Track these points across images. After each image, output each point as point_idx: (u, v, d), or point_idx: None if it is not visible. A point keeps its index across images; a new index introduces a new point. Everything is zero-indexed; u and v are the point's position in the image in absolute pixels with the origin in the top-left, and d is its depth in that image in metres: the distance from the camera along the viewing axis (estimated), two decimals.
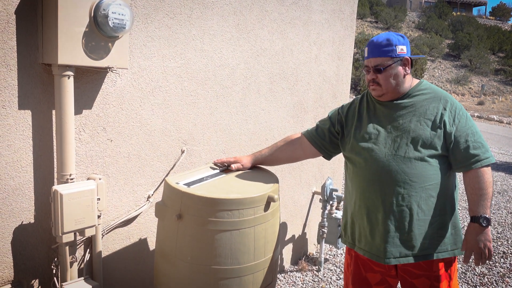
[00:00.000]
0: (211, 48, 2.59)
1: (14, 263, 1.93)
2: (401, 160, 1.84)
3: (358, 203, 1.97)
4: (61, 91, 1.87)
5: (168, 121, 2.43)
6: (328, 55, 3.66)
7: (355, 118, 2.04)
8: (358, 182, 1.97)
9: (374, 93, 1.93)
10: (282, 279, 3.48)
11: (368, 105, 2.03)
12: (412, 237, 1.86)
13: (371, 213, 1.92)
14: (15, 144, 1.85)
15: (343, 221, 2.16)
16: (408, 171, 1.83)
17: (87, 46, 1.86)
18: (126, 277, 2.41)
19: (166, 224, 1.98)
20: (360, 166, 1.95)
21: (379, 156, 1.88)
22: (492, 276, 3.79)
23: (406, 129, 1.87)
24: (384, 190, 1.86)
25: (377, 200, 1.89)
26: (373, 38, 1.92)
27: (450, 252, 1.90)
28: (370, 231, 1.94)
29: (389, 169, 1.85)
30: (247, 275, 1.94)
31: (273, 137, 3.23)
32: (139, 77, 2.24)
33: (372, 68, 1.88)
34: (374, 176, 1.89)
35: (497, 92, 28.50)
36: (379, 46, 1.87)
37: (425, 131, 1.84)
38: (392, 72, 1.87)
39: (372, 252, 1.95)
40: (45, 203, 1.99)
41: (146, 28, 2.23)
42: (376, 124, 1.95)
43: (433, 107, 1.88)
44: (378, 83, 1.88)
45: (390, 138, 1.89)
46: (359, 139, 1.97)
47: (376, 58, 1.87)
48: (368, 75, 1.91)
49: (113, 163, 2.22)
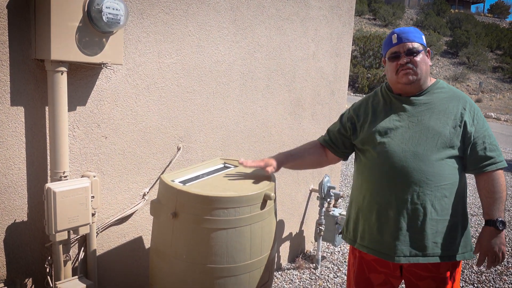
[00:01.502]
0: (208, 44, 2.56)
1: (7, 261, 1.90)
2: (419, 157, 1.80)
3: (368, 198, 1.91)
4: (54, 87, 1.84)
5: (164, 118, 2.40)
6: (326, 51, 3.63)
7: (370, 112, 1.98)
8: (370, 176, 1.91)
9: (406, 78, 1.85)
10: (279, 277, 3.46)
11: (384, 100, 1.98)
12: (423, 236, 1.82)
13: (381, 209, 1.87)
14: (7, 141, 1.82)
15: (346, 218, 2.12)
16: (425, 169, 1.79)
17: (80, 41, 1.83)
18: (121, 276, 2.39)
19: (161, 222, 1.96)
20: (373, 160, 1.90)
21: (396, 152, 1.83)
22: (489, 274, 3.78)
23: (425, 125, 1.83)
24: (398, 186, 1.82)
25: (390, 196, 1.84)
26: (397, 28, 1.90)
27: (460, 256, 1.86)
28: (379, 228, 1.88)
29: (406, 165, 1.81)
30: (243, 274, 1.92)
31: (270, 134, 3.20)
32: (134, 73, 2.21)
33: (405, 51, 1.84)
34: (388, 171, 1.84)
35: (495, 90, 28.53)
36: (410, 32, 1.87)
37: (444, 129, 1.81)
38: (424, 58, 1.86)
39: (379, 250, 1.89)
40: (38, 201, 1.96)
41: (141, 24, 2.20)
42: (394, 119, 1.90)
43: (453, 106, 1.85)
44: (412, 67, 1.84)
45: (408, 134, 1.85)
46: (374, 133, 1.91)
47: (410, 42, 1.84)
48: (398, 60, 1.85)
49: (108, 160, 2.19)
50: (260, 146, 3.13)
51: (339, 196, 3.64)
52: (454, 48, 33.19)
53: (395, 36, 1.87)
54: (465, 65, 31.03)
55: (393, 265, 1.96)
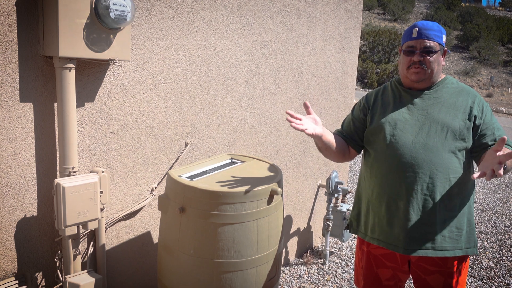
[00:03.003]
0: (215, 40, 2.57)
1: (18, 255, 1.93)
2: (429, 149, 1.80)
3: (377, 190, 1.92)
4: (63, 83, 1.85)
5: (171, 114, 2.41)
6: (333, 46, 3.61)
7: (379, 104, 1.99)
8: (379, 168, 1.91)
9: (415, 76, 1.86)
10: (287, 272, 3.47)
11: (394, 93, 1.98)
12: (433, 229, 1.83)
13: (391, 201, 1.87)
14: (17, 137, 1.84)
15: (354, 211, 2.11)
16: (435, 160, 1.79)
17: (88, 38, 1.84)
18: (129, 270, 2.41)
19: (169, 217, 1.97)
20: (383, 152, 1.90)
21: (406, 144, 1.84)
22: (499, 269, 3.76)
23: (434, 118, 1.84)
24: (408, 177, 1.82)
25: (400, 188, 1.84)
26: (421, 21, 1.88)
27: (464, 251, 1.86)
28: (389, 220, 1.89)
29: (416, 156, 1.81)
30: (250, 269, 1.93)
31: (278, 129, 3.20)
32: (142, 69, 2.23)
33: (421, 49, 1.83)
34: (399, 163, 1.84)
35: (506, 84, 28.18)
36: (431, 30, 1.84)
37: (454, 122, 1.82)
38: (438, 58, 1.86)
39: (389, 242, 1.90)
40: (48, 196, 1.99)
41: (149, 20, 2.21)
42: (403, 111, 1.91)
43: (462, 100, 1.86)
44: (423, 66, 1.84)
45: (417, 126, 1.85)
46: (384, 125, 1.91)
47: (429, 40, 1.83)
48: (412, 56, 1.84)
49: (116, 156, 2.21)
50: (267, 141, 3.14)
51: (347, 191, 3.63)
52: (464, 43, 32.81)
53: (416, 30, 1.85)
54: (476, 59, 30.68)
55: (401, 259, 1.96)
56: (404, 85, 1.97)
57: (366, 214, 2.01)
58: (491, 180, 7.04)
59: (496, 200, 5.93)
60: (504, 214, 5.31)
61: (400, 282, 2.05)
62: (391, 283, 2.04)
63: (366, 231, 2.01)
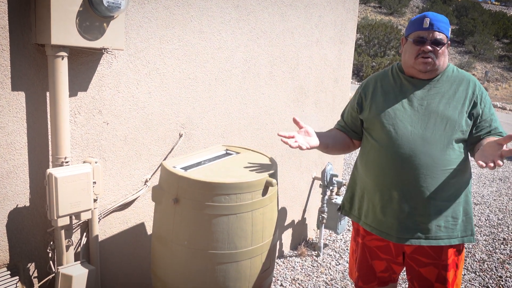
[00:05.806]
0: (210, 30, 2.54)
1: (10, 246, 1.91)
2: (427, 141, 1.80)
3: (373, 178, 1.92)
4: (55, 72, 1.83)
5: (165, 104, 2.39)
6: (329, 38, 3.59)
7: (378, 92, 1.98)
8: (376, 157, 1.91)
9: (423, 66, 1.84)
10: (281, 264, 3.47)
11: (394, 80, 1.97)
12: (426, 219, 1.83)
13: (385, 190, 1.87)
14: (9, 127, 1.82)
15: (347, 193, 2.11)
16: (433, 152, 1.79)
17: (81, 26, 1.81)
18: (123, 261, 2.40)
19: (163, 208, 1.96)
20: (381, 141, 1.90)
21: (404, 134, 1.83)
22: (492, 262, 3.78)
23: (434, 110, 1.83)
24: (404, 168, 1.82)
25: (395, 177, 1.84)
26: (430, 12, 1.88)
27: (460, 239, 1.87)
28: (382, 208, 1.89)
29: (413, 147, 1.81)
30: (245, 260, 1.92)
31: (273, 121, 3.19)
32: (136, 59, 2.20)
33: (431, 40, 1.82)
34: (396, 154, 1.84)
35: (501, 79, 28.27)
36: (442, 22, 1.84)
37: (453, 114, 1.81)
38: (445, 50, 1.86)
39: (382, 229, 1.91)
40: (40, 187, 1.97)
41: (143, 9, 2.17)
42: (403, 101, 1.90)
43: (462, 90, 1.86)
44: (433, 57, 1.83)
45: (417, 116, 1.85)
46: (383, 114, 1.91)
47: (439, 32, 1.83)
48: (422, 46, 1.83)
49: (110, 147, 2.19)
50: (262, 133, 3.12)
51: (342, 184, 3.63)
52: (460, 37, 32.84)
53: (428, 21, 1.83)
54: (471, 53, 30.73)
55: (395, 251, 1.96)
56: (406, 73, 1.95)
57: (360, 199, 2.02)
58: (485, 174, 7.07)
59: (490, 194, 5.96)
60: (497, 208, 5.34)
61: (394, 274, 2.06)
62: (385, 275, 2.05)
63: (360, 215, 2.02)
